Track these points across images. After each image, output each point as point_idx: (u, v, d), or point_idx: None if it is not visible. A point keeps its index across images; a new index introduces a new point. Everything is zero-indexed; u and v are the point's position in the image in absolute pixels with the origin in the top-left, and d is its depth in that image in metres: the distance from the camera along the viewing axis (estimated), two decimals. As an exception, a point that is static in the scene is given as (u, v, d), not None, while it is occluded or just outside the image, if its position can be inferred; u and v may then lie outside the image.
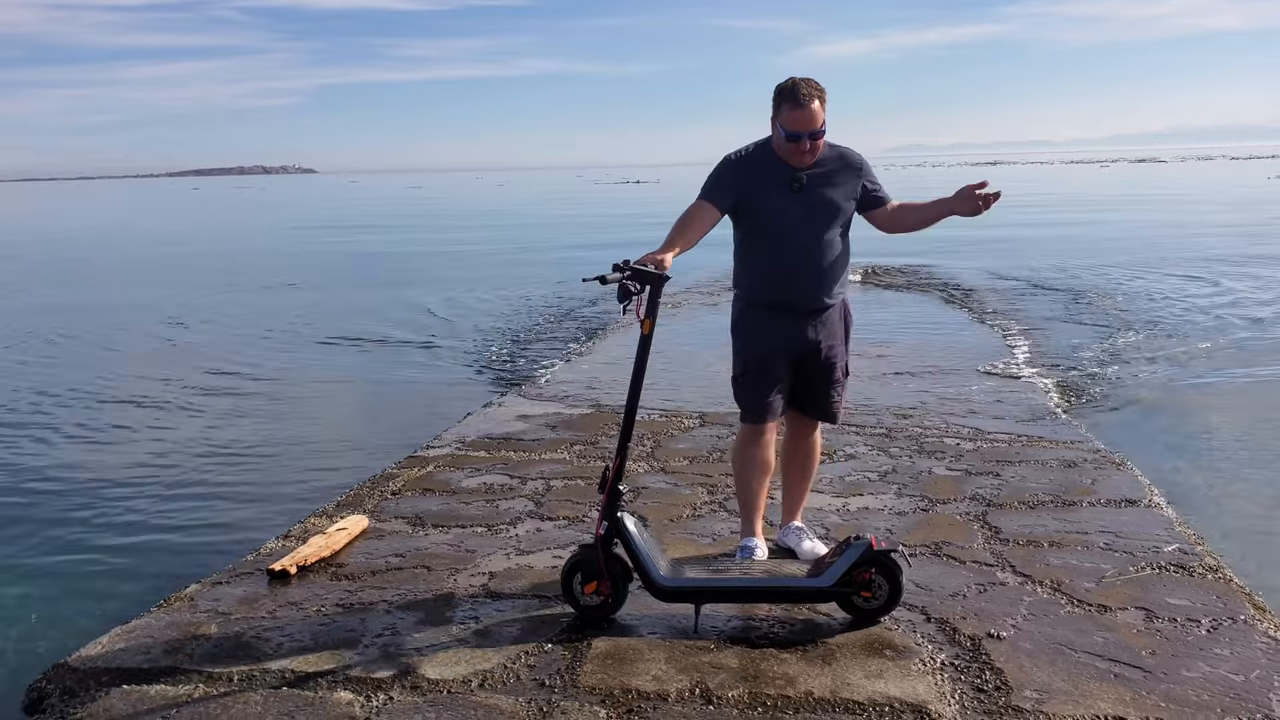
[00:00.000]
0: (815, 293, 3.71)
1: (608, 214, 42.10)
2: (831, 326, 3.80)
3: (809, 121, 3.53)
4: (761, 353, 3.78)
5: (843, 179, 3.71)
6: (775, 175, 3.65)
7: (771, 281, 3.74)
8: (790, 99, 3.52)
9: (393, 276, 18.93)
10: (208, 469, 6.59)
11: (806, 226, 3.65)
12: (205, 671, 3.20)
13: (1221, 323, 11.14)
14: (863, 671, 3.10)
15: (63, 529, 5.51)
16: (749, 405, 3.87)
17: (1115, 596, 3.61)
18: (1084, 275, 15.49)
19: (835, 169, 3.70)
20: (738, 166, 3.70)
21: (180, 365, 10.30)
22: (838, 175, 3.71)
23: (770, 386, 3.80)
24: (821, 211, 3.66)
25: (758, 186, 3.65)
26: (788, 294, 3.72)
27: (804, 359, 3.79)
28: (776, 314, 3.75)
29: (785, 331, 3.74)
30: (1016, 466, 5.25)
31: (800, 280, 3.69)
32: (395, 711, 2.95)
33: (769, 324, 3.76)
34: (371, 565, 4.09)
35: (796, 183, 3.63)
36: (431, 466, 5.53)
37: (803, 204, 3.64)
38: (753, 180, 3.66)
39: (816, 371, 3.82)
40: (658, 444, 5.88)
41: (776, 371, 3.79)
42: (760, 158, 3.69)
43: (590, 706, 2.94)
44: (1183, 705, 2.88)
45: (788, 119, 3.54)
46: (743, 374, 3.85)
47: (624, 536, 3.35)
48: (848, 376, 3.95)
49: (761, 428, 3.85)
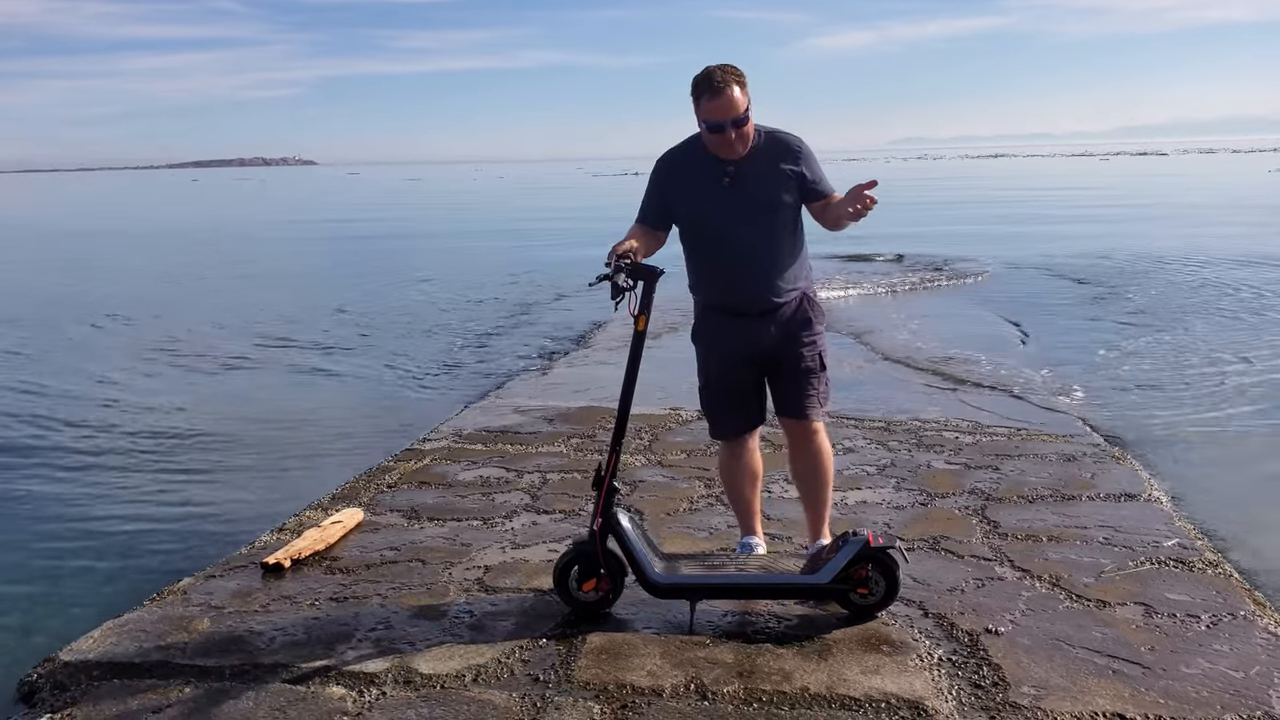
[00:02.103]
0: (761, 293, 3.47)
1: (589, 207, 41.94)
2: (789, 324, 3.54)
3: (728, 108, 3.27)
4: (722, 362, 3.61)
5: (779, 167, 3.43)
6: (703, 172, 3.44)
7: (715, 284, 3.56)
8: (706, 88, 3.29)
9: (385, 268, 18.90)
10: (201, 461, 6.56)
11: (744, 224, 3.43)
12: (197, 665, 3.18)
13: (1223, 318, 11.10)
14: (859, 667, 3.08)
15: (54, 522, 5.48)
16: (714, 421, 3.74)
17: (1114, 592, 3.59)
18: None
19: (769, 157, 3.43)
20: (663, 171, 3.53)
21: (170, 357, 10.26)
22: (772, 163, 3.43)
23: (735, 400, 3.64)
24: (757, 206, 3.42)
25: (685, 188, 3.48)
26: (734, 297, 3.52)
27: (768, 360, 3.57)
28: (731, 317, 3.55)
29: (742, 334, 3.53)
30: (1015, 460, 5.22)
31: (744, 282, 3.48)
32: (388, 706, 2.93)
33: (725, 328, 3.57)
34: (366, 559, 4.06)
35: (726, 177, 3.40)
36: (427, 459, 5.50)
37: (736, 200, 3.41)
38: (680, 182, 3.49)
39: (784, 369, 3.58)
40: (655, 437, 5.85)
41: (740, 383, 3.61)
42: (687, 156, 3.50)
43: (585, 702, 2.92)
44: (1182, 701, 2.86)
45: (706, 109, 3.31)
46: (705, 386, 3.71)
47: (619, 533, 3.33)
48: (825, 369, 3.62)
49: (731, 444, 3.72)
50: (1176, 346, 9.44)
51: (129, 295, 15.51)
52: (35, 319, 13.06)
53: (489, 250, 22.47)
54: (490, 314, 12.84)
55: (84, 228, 34.90)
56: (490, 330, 11.58)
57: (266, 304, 14.11)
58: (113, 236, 30.89)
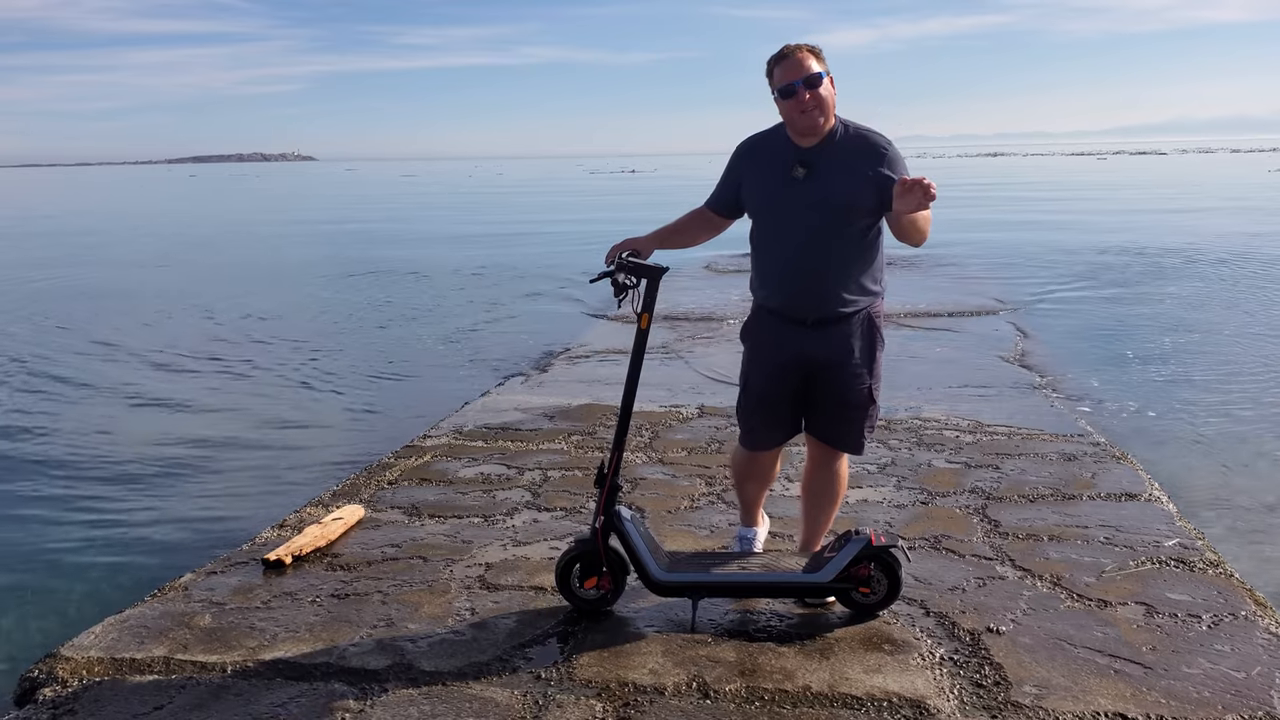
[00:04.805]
0: (817, 301, 3.24)
1: (585, 206, 41.85)
2: (845, 342, 3.28)
3: (798, 68, 3.09)
4: (765, 371, 3.39)
5: (858, 165, 3.15)
6: (776, 161, 3.25)
7: (769, 284, 3.33)
8: (778, 58, 3.14)
9: (378, 265, 18.89)
10: (202, 457, 6.56)
11: (808, 222, 3.18)
12: (199, 662, 3.17)
13: (1225, 317, 11.11)
14: (861, 666, 3.08)
15: (56, 518, 5.48)
16: (745, 428, 3.52)
17: (1115, 591, 3.59)
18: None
19: (849, 152, 3.18)
20: (741, 153, 3.37)
21: (171, 352, 10.25)
22: (851, 160, 3.17)
23: (770, 416, 3.43)
24: (826, 203, 3.16)
25: (755, 176, 3.30)
26: (786, 300, 3.29)
27: (813, 376, 3.34)
28: (783, 323, 3.32)
29: (792, 344, 3.30)
30: (1016, 459, 5.22)
31: (799, 285, 3.24)
32: (390, 703, 2.92)
33: (775, 334, 3.34)
34: (367, 555, 4.06)
35: (800, 167, 3.18)
36: (428, 456, 5.50)
37: (804, 194, 3.18)
38: (752, 170, 3.32)
39: (828, 392, 3.35)
40: (656, 435, 5.85)
41: (780, 398, 3.39)
42: (767, 141, 3.32)
43: (586, 700, 2.92)
44: (1183, 702, 2.86)
45: (778, 76, 3.13)
46: (743, 391, 3.50)
47: (621, 531, 3.32)
48: (874, 404, 3.39)
49: (755, 454, 3.57)
50: (1177, 345, 9.45)
51: (148, 291, 15.49)
52: (16, 317, 13.04)
53: (488, 250, 22.44)
54: (489, 314, 12.83)
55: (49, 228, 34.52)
56: (488, 329, 11.57)
57: (262, 302, 14.10)
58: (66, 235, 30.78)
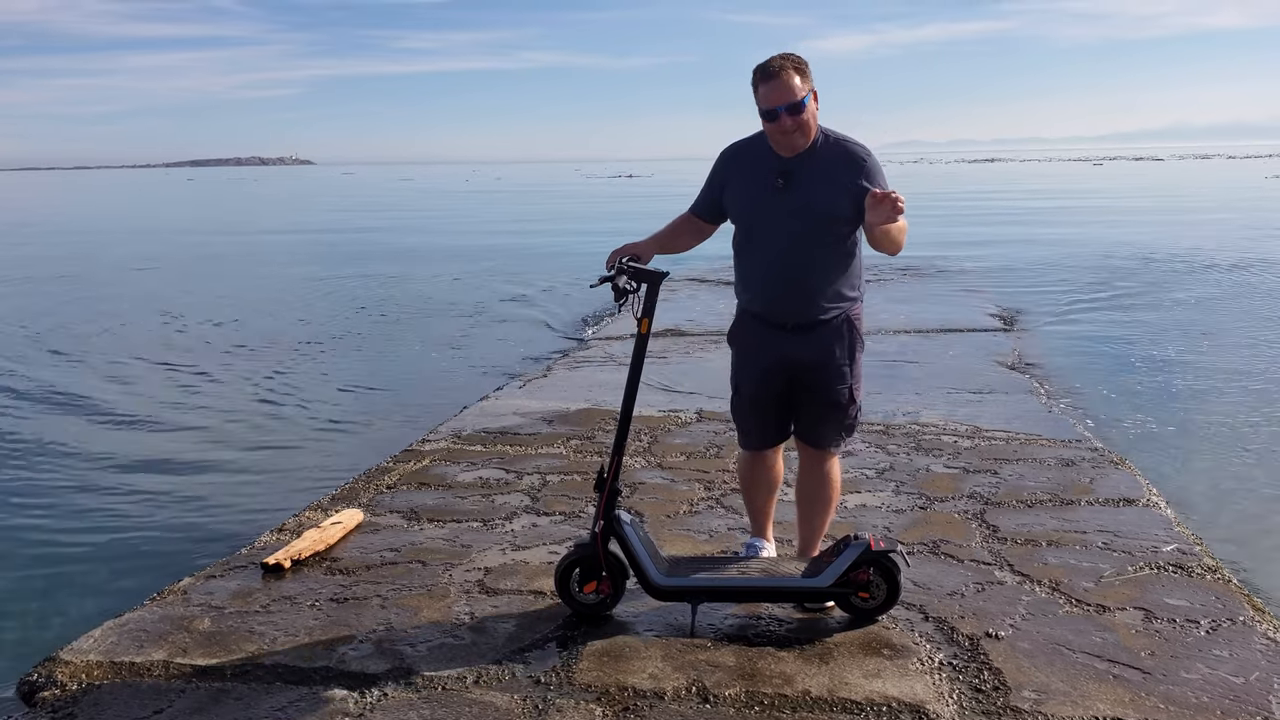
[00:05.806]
0: (799, 306, 3.33)
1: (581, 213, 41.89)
2: (826, 345, 3.38)
3: (782, 93, 3.14)
4: (753, 372, 3.49)
5: (838, 175, 3.25)
6: (758, 169, 3.33)
7: (752, 289, 3.44)
8: (762, 74, 3.18)
9: (377, 266, 18.90)
10: (201, 462, 6.56)
11: (789, 230, 3.28)
12: (198, 665, 3.17)
13: (1225, 322, 11.14)
14: (860, 671, 3.08)
15: (55, 523, 5.48)
16: (741, 429, 3.65)
17: (1114, 596, 3.60)
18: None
19: (829, 162, 3.27)
20: (724, 160, 3.46)
21: (169, 358, 10.25)
22: (831, 170, 3.26)
23: (762, 415, 3.53)
24: (806, 212, 3.25)
25: (737, 183, 3.39)
26: (769, 305, 3.39)
27: (797, 379, 3.44)
28: (765, 327, 3.42)
29: (775, 349, 3.41)
30: (1015, 464, 5.23)
31: (781, 290, 3.34)
32: (389, 708, 2.92)
33: (759, 337, 3.45)
34: (366, 560, 4.06)
35: (779, 177, 3.27)
36: (427, 460, 5.50)
37: (785, 203, 3.27)
38: (734, 177, 3.40)
39: (811, 394, 3.44)
40: (654, 439, 5.85)
41: (769, 398, 3.49)
42: (748, 150, 3.41)
43: (586, 704, 2.92)
44: (1182, 707, 2.86)
45: (761, 96, 3.19)
46: (735, 393, 3.61)
47: (621, 535, 3.33)
48: (854, 404, 3.47)
49: (755, 454, 3.65)
50: (1176, 351, 9.47)
51: (144, 295, 15.48)
52: (16, 321, 13.03)
53: (487, 253, 22.45)
54: (487, 319, 12.83)
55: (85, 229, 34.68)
56: (486, 333, 11.58)
57: (261, 308, 14.10)
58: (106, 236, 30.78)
